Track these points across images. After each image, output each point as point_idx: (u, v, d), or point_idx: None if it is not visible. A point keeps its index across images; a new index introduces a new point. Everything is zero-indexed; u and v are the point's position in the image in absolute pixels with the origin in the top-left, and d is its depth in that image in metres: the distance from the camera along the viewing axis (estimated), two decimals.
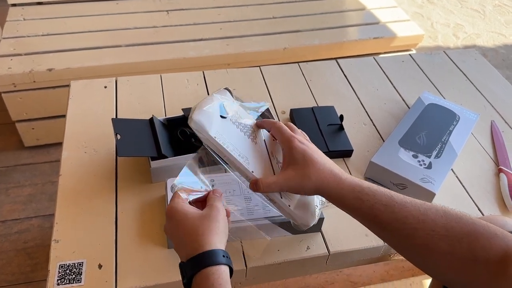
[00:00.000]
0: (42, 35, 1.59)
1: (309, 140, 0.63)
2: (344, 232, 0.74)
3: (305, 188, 0.57)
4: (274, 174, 0.62)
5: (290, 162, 0.59)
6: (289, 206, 0.61)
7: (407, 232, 0.53)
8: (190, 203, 0.58)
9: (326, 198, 0.59)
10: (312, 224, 0.62)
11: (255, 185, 0.58)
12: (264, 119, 0.66)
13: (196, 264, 0.51)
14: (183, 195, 0.58)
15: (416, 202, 0.54)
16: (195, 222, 0.54)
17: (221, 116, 0.63)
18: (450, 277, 0.52)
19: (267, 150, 0.65)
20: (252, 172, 0.60)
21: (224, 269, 0.51)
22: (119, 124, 0.78)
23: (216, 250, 0.52)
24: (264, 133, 0.67)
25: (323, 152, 0.64)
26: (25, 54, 1.48)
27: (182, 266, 0.53)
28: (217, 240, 0.53)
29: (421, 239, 0.52)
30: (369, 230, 0.73)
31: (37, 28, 1.62)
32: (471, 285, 0.51)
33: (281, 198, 0.60)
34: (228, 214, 0.60)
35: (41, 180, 1.52)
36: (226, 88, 0.68)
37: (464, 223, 0.51)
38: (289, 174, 0.58)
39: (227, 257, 0.52)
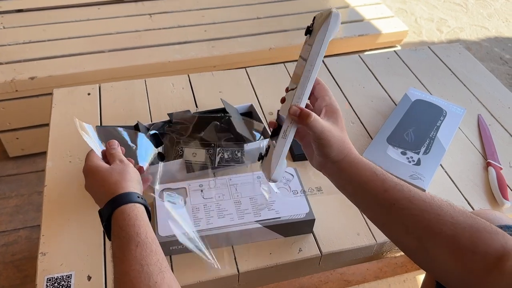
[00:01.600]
0: (23, 43, 1.56)
1: None
2: (336, 232, 0.73)
3: (337, 142, 0.57)
4: None
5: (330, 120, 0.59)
6: (281, 152, 0.58)
7: (414, 212, 0.53)
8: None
9: (338, 165, 0.58)
10: (274, 179, 0.58)
11: (306, 114, 0.56)
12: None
13: (112, 205, 0.56)
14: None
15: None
16: (108, 173, 0.60)
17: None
18: (447, 267, 0.51)
19: None
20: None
21: (139, 206, 0.56)
22: (102, 131, 0.77)
23: (130, 192, 0.57)
24: None
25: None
26: (6, 63, 1.45)
27: (100, 211, 0.58)
28: (130, 185, 0.59)
29: (427, 222, 0.52)
30: (360, 229, 0.73)
31: (18, 36, 1.59)
32: (466, 277, 0.50)
33: (285, 143, 0.58)
34: (141, 170, 0.68)
35: (27, 191, 1.49)
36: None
37: (468, 216, 0.52)
38: (332, 126, 0.58)
39: (142, 198, 0.58)
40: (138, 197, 0.57)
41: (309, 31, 0.60)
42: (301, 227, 0.71)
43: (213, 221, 0.67)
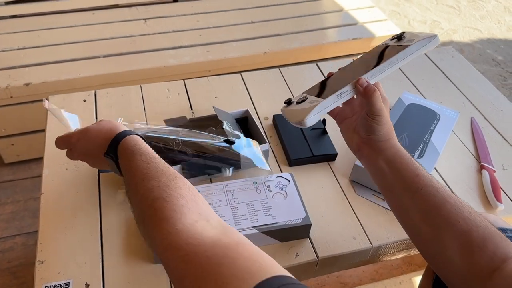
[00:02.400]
0: (18, 49, 1.56)
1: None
2: (332, 237, 0.74)
3: (387, 123, 0.63)
4: None
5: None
6: (327, 106, 0.63)
7: (438, 200, 0.56)
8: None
9: (382, 144, 0.62)
10: (304, 123, 0.62)
11: (372, 89, 0.61)
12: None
13: (115, 142, 0.62)
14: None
15: None
16: (99, 126, 0.67)
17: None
18: (454, 260, 0.53)
19: None
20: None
21: (133, 136, 0.63)
22: None
23: (122, 131, 0.64)
24: None
25: (307, 157, 0.66)
26: (1, 69, 1.45)
27: (106, 157, 0.63)
28: (121, 127, 0.66)
29: (447, 211, 0.55)
30: (356, 234, 0.74)
31: (12, 42, 1.59)
32: (469, 273, 0.52)
33: (336, 102, 0.63)
34: None
35: (23, 197, 1.49)
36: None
37: (485, 220, 0.55)
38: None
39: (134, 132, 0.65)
40: (131, 131, 0.65)
41: (400, 37, 0.68)
42: (298, 232, 0.71)
43: None
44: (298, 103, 0.66)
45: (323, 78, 0.72)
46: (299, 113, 0.63)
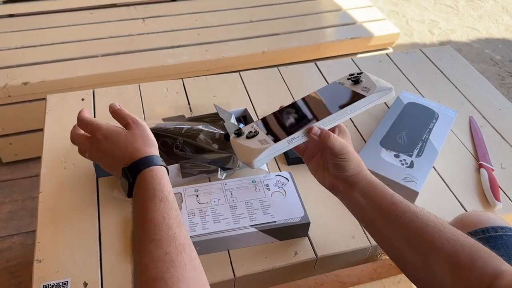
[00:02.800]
0: (16, 48, 1.55)
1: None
2: (331, 235, 0.74)
3: (355, 157, 0.62)
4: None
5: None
6: (277, 152, 0.61)
7: (418, 225, 0.56)
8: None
9: (354, 178, 0.61)
10: (252, 166, 0.61)
11: (327, 134, 0.61)
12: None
13: (140, 166, 0.58)
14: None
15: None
16: (131, 137, 0.62)
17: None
18: (445, 283, 0.52)
19: None
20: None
21: (163, 169, 0.60)
22: None
23: (154, 155, 0.61)
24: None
25: None
26: None
27: (125, 169, 0.59)
28: (154, 150, 0.62)
29: (429, 235, 0.54)
30: (355, 232, 0.74)
31: (10, 41, 1.58)
32: None
33: (286, 147, 0.62)
34: None
35: (21, 196, 1.49)
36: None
37: (468, 237, 0.54)
38: (347, 143, 0.63)
39: (163, 161, 0.61)
40: (162, 160, 0.61)
41: (357, 80, 0.67)
42: (297, 230, 0.71)
43: (209, 226, 0.68)
44: (248, 137, 0.64)
45: (288, 103, 0.70)
46: (248, 153, 0.61)
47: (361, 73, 0.68)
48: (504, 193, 0.84)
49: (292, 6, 1.95)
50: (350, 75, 0.69)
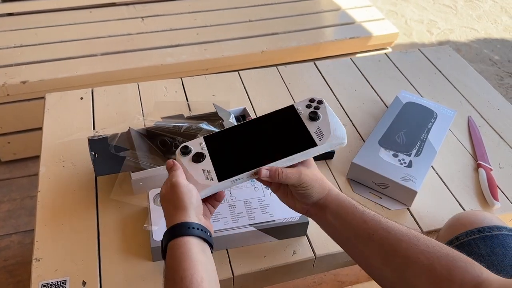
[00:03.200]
0: (15, 47, 1.55)
1: None
2: None
3: (317, 181, 0.59)
4: None
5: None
6: (217, 190, 0.59)
7: (391, 242, 0.55)
8: None
9: (323, 202, 0.60)
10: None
11: (277, 173, 0.58)
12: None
13: (167, 235, 0.53)
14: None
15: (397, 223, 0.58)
16: (170, 195, 0.55)
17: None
18: None
19: None
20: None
21: (188, 240, 0.51)
22: (94, 143, 0.77)
23: (184, 222, 0.52)
24: None
25: None
26: None
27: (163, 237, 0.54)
28: (192, 215, 0.54)
29: (404, 251, 0.54)
30: None
31: (9, 40, 1.58)
32: None
33: (228, 186, 0.59)
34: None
35: (19, 195, 1.49)
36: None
37: (444, 247, 0.53)
38: (305, 168, 0.60)
39: (198, 229, 0.53)
40: (194, 228, 0.53)
41: (314, 117, 0.62)
42: (295, 229, 0.71)
43: None
44: (193, 160, 0.59)
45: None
46: (189, 179, 0.57)
47: (321, 102, 0.63)
48: (502, 192, 0.84)
49: (291, 5, 1.95)
50: (310, 101, 0.64)
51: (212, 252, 0.54)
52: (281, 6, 1.94)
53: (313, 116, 0.62)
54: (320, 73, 1.11)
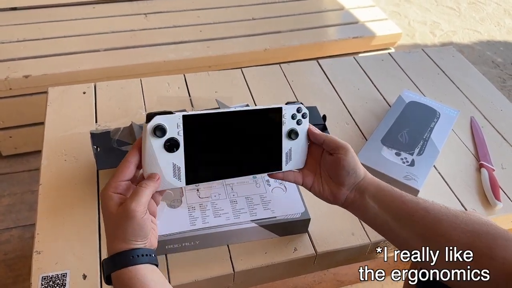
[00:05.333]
0: (18, 41, 1.55)
1: None
2: (331, 232, 0.74)
3: (354, 155, 0.61)
4: None
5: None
6: None
7: (431, 220, 0.55)
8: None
9: (361, 185, 0.61)
10: None
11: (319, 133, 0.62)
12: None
13: (110, 264, 0.50)
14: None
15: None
16: (116, 219, 0.50)
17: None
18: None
19: None
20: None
21: (136, 269, 0.49)
22: (97, 137, 0.77)
23: (128, 250, 0.49)
24: None
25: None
26: (0, 61, 1.44)
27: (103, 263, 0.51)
28: (136, 243, 0.50)
29: (444, 229, 0.54)
30: (355, 229, 0.74)
31: (12, 34, 1.58)
32: (485, 284, 0.50)
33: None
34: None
35: (20, 190, 1.49)
36: None
37: (484, 223, 0.53)
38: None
39: (144, 255, 0.50)
40: (141, 255, 0.49)
41: (292, 137, 0.62)
42: (296, 226, 0.71)
43: (209, 220, 0.68)
44: (166, 149, 0.52)
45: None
46: (152, 167, 0.53)
47: (305, 116, 0.61)
48: (505, 193, 0.84)
49: (295, 4, 1.95)
50: (297, 110, 0.61)
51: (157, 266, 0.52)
52: (284, 4, 1.94)
53: (291, 135, 0.61)
54: (323, 71, 1.11)
